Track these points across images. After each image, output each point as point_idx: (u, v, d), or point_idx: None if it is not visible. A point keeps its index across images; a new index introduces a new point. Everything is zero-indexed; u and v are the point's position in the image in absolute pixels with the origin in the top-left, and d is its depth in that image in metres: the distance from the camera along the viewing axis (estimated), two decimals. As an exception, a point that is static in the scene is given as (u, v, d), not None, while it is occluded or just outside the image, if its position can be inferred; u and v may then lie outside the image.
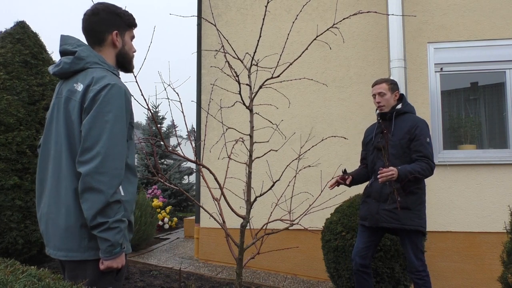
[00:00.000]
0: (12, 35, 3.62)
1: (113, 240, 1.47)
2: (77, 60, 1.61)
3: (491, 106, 4.87)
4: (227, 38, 4.05)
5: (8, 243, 3.22)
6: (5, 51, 3.50)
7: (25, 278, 1.08)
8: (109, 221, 1.46)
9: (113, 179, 1.49)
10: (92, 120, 1.49)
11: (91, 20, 1.69)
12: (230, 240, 2.39)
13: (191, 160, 2.41)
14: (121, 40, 1.74)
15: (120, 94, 1.55)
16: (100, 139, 1.48)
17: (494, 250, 4.31)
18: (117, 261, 1.51)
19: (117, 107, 1.53)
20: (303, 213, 2.62)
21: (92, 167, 1.45)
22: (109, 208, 1.47)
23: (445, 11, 4.74)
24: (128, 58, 1.79)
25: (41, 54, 3.67)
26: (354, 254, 2.95)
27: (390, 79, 3.08)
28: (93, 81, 1.55)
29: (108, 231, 1.47)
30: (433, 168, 2.76)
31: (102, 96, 1.51)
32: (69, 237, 1.52)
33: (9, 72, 3.43)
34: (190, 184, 12.02)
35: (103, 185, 1.46)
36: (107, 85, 1.53)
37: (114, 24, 1.72)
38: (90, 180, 1.45)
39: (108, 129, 1.50)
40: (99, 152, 1.47)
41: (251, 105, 2.42)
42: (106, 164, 1.47)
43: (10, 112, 3.29)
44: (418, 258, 2.76)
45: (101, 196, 1.45)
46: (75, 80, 1.60)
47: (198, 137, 5.20)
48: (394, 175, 2.65)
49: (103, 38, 1.70)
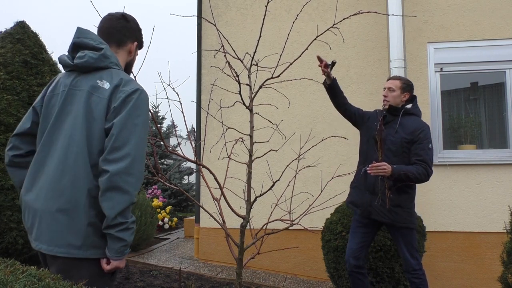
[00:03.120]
0: (12, 35, 3.61)
1: (128, 240, 1.50)
2: (103, 58, 1.61)
3: (491, 106, 4.87)
4: (227, 38, 4.05)
5: (8, 243, 3.22)
6: (5, 51, 3.50)
7: (25, 278, 1.08)
8: (128, 221, 1.49)
9: (138, 181, 1.51)
10: (124, 121, 1.50)
11: (120, 23, 1.73)
12: (230, 240, 2.39)
13: (191, 160, 2.41)
14: (135, 53, 1.81)
15: (147, 100, 1.61)
16: (130, 141, 1.50)
17: (494, 250, 4.31)
18: (123, 261, 1.54)
19: (145, 112, 1.58)
20: (303, 213, 2.62)
21: (121, 167, 1.46)
22: (128, 209, 1.50)
23: (445, 11, 4.74)
24: (129, 70, 1.85)
25: (41, 54, 3.67)
26: (348, 255, 2.94)
27: (407, 79, 3.06)
28: (122, 83, 1.57)
29: (126, 231, 1.49)
30: (429, 174, 2.75)
31: (134, 99, 1.54)
32: (73, 234, 1.48)
33: (9, 72, 3.43)
34: (190, 184, 12.02)
35: (130, 186, 1.48)
36: (138, 89, 1.57)
37: (137, 37, 1.80)
38: (118, 180, 1.45)
39: (138, 132, 1.53)
40: (129, 153, 1.48)
41: (251, 105, 2.42)
42: (134, 165, 1.49)
43: (10, 112, 3.29)
44: (413, 257, 2.78)
45: (127, 197, 1.47)
46: (98, 77, 1.59)
47: (198, 137, 5.20)
48: (387, 171, 2.64)
49: (124, 42, 1.74)
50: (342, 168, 4.58)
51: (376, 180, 2.82)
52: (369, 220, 2.90)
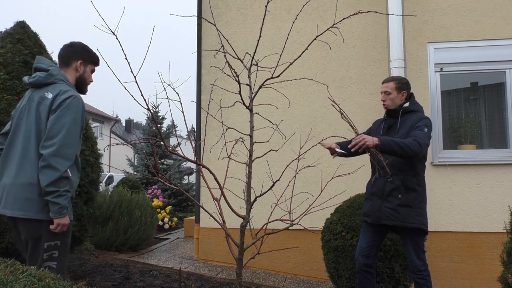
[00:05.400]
0: (12, 35, 3.61)
1: (62, 203, 2.07)
2: (50, 76, 2.26)
3: (491, 106, 4.86)
4: (227, 38, 4.05)
5: (8, 243, 3.22)
6: (5, 51, 3.50)
7: (25, 278, 1.08)
8: (60, 190, 2.06)
9: (66, 161, 2.09)
10: (56, 118, 2.12)
11: (66, 49, 2.39)
12: (230, 240, 2.39)
13: (191, 160, 2.41)
14: (83, 68, 2.40)
15: (79, 104, 2.19)
16: (60, 132, 2.09)
17: (494, 250, 4.31)
18: (64, 219, 2.10)
19: (75, 112, 2.16)
20: (303, 213, 2.61)
21: (52, 150, 2.06)
22: (60, 181, 2.06)
23: (445, 11, 4.74)
24: (84, 82, 2.44)
25: (41, 54, 3.67)
26: (357, 253, 2.95)
27: (400, 78, 3.04)
28: (61, 93, 2.18)
29: (59, 197, 2.06)
30: (421, 145, 2.61)
31: (66, 103, 2.15)
32: (30, 203, 2.09)
33: (9, 72, 3.43)
34: (190, 184, 12.01)
35: (59, 164, 2.06)
36: (70, 96, 2.17)
37: (81, 56, 2.39)
38: (49, 160, 2.05)
39: (67, 126, 2.11)
40: (58, 141, 2.08)
41: (251, 105, 2.42)
42: (62, 150, 2.08)
43: (10, 112, 3.29)
44: (419, 257, 2.76)
45: (56, 172, 2.05)
46: (46, 90, 2.21)
47: (198, 137, 5.20)
48: (367, 140, 2.56)
49: (70, 63, 2.37)
50: (342, 168, 4.58)
51: (384, 184, 2.82)
52: (380, 226, 2.89)
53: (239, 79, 2.36)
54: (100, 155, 4.24)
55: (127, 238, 5.45)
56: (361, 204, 3.65)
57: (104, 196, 5.68)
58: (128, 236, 5.44)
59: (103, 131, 30.81)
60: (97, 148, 4.04)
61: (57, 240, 2.13)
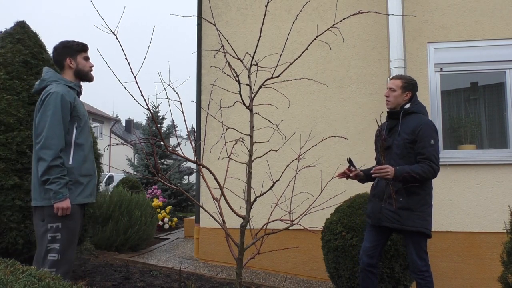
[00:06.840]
0: (12, 35, 3.61)
1: (55, 189, 2.35)
2: (42, 81, 2.55)
3: (491, 106, 4.86)
4: (227, 38, 4.05)
5: (8, 243, 3.22)
6: (5, 51, 3.49)
7: (25, 278, 1.08)
8: (51, 177, 2.35)
9: (50, 151, 2.36)
10: (40, 115, 2.44)
11: (53, 55, 2.65)
12: (230, 240, 2.39)
13: (191, 160, 2.41)
14: (75, 62, 2.61)
15: (57, 98, 2.42)
16: (44, 127, 2.40)
17: (494, 250, 4.31)
18: (62, 203, 2.37)
19: (54, 105, 2.42)
20: (303, 213, 2.61)
21: (40, 145, 2.38)
22: (51, 170, 2.36)
23: (445, 11, 4.74)
24: (83, 73, 2.65)
25: (41, 54, 3.66)
26: (362, 253, 2.95)
27: (409, 78, 3.01)
28: (44, 93, 2.47)
29: (52, 184, 2.36)
30: (436, 170, 2.70)
31: (46, 100, 2.43)
32: (35, 191, 2.45)
33: (9, 72, 3.43)
34: (190, 184, 12.01)
35: (46, 155, 2.36)
36: (50, 93, 2.44)
37: (67, 53, 2.60)
38: (40, 153, 2.38)
39: (49, 120, 2.40)
40: (43, 136, 2.38)
41: (251, 105, 2.42)
42: (47, 142, 2.37)
43: (10, 112, 3.28)
44: (421, 258, 2.73)
45: (46, 163, 2.36)
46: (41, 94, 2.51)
47: (198, 137, 5.20)
48: (389, 173, 2.64)
49: (62, 64, 2.62)
50: (342, 168, 4.57)
51: (386, 186, 2.82)
52: (382, 227, 2.90)
53: (239, 79, 2.36)
54: (100, 155, 4.24)
55: (127, 238, 5.45)
56: (361, 204, 3.65)
57: (104, 196, 5.67)
58: (128, 236, 5.44)
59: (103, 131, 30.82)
60: (97, 148, 4.04)
61: (58, 222, 2.39)
